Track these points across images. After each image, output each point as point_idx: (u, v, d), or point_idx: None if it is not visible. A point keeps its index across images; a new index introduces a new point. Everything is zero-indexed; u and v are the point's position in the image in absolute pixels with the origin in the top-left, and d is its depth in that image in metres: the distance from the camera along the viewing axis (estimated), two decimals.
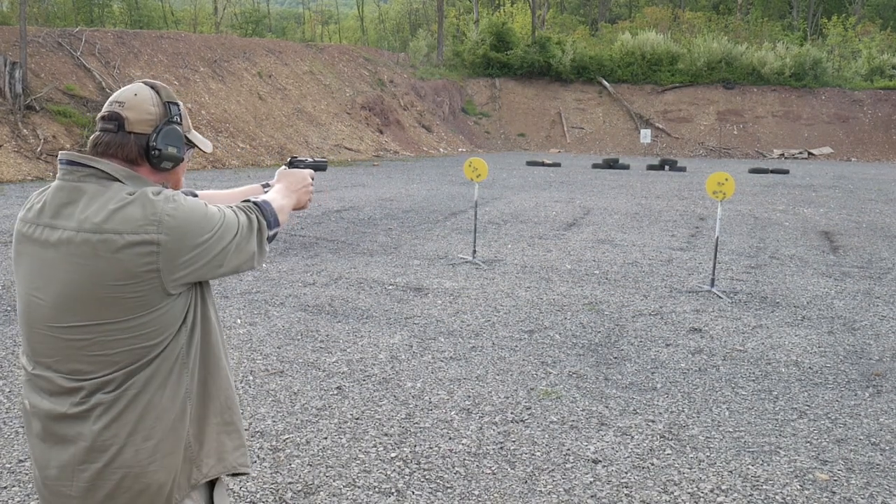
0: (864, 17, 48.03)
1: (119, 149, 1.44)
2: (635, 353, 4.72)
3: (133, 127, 1.45)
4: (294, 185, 1.82)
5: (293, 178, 1.83)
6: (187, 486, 1.52)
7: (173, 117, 1.50)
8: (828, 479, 3.07)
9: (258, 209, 1.58)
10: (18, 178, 15.37)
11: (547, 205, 12.99)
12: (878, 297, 6.40)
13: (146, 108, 1.47)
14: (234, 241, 1.48)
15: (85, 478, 1.42)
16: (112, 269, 1.36)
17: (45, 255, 1.41)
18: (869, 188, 17.87)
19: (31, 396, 1.48)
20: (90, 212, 1.38)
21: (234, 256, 1.49)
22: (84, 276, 1.37)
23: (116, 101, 1.46)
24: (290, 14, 71.18)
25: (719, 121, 36.75)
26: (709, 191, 6.39)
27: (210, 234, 1.43)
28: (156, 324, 1.42)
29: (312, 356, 4.56)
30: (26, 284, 1.45)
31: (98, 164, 1.41)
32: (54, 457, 1.44)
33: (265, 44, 31.18)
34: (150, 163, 1.47)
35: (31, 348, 1.46)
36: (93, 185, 1.41)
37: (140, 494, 1.45)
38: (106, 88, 20.37)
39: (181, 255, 1.40)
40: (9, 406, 3.69)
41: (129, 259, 1.36)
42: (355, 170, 21.16)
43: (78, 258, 1.37)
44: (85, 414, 1.41)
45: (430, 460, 3.20)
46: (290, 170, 1.86)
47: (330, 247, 8.37)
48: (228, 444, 1.60)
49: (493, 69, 40.59)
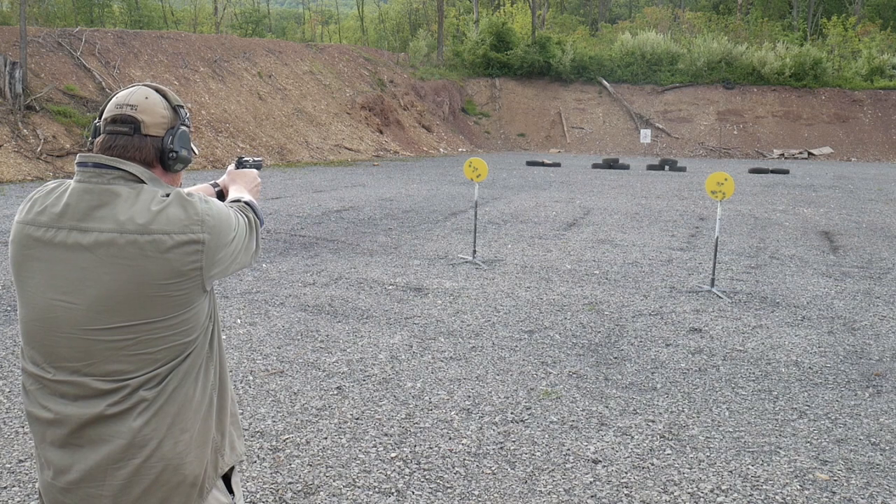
0: (864, 17, 48.03)
1: (137, 151, 1.46)
2: (635, 353, 4.72)
3: (149, 130, 1.47)
4: (250, 184, 1.89)
5: (247, 177, 1.91)
6: (214, 475, 1.56)
7: (184, 120, 1.54)
8: (828, 479, 3.07)
9: (251, 209, 1.67)
10: (18, 178, 15.38)
11: (547, 205, 12.99)
12: (878, 297, 6.40)
13: (159, 111, 1.49)
14: (245, 240, 1.58)
15: (122, 475, 1.42)
16: (161, 269, 1.39)
17: (76, 259, 1.39)
18: (869, 188, 17.87)
19: (50, 404, 1.44)
20: (133, 213, 1.39)
21: (243, 254, 1.58)
22: (130, 276, 1.38)
23: (128, 105, 1.46)
24: (290, 14, 71.19)
25: (719, 121, 36.74)
26: (708, 191, 6.39)
27: (234, 232, 1.53)
28: (193, 320, 1.47)
29: (312, 356, 4.56)
30: (48, 290, 1.41)
31: (128, 167, 1.43)
32: (79, 460, 1.42)
33: (265, 44, 31.19)
34: (164, 165, 1.51)
35: (52, 354, 1.43)
36: (124, 187, 1.42)
37: (178, 486, 1.47)
38: (106, 88, 20.37)
39: (218, 252, 1.47)
40: (9, 406, 3.69)
41: (178, 258, 1.40)
42: (355, 170, 21.16)
43: (123, 259, 1.38)
44: (125, 412, 1.42)
45: (430, 460, 3.20)
46: (242, 170, 1.93)
47: (330, 247, 8.37)
48: (235, 434, 1.67)
49: (493, 69, 40.58)
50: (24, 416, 1.61)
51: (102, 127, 1.48)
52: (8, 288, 6.10)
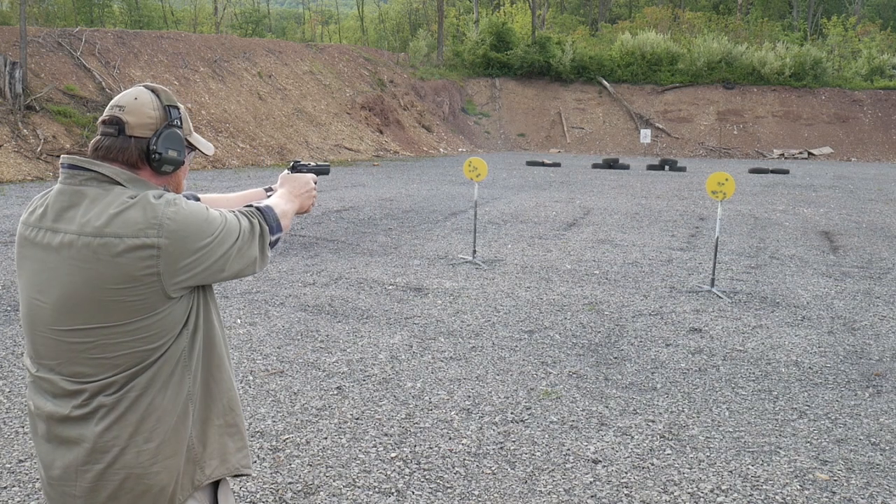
0: (864, 17, 48.04)
1: (120, 153, 1.45)
2: (635, 353, 4.72)
3: (133, 131, 1.46)
4: (297, 190, 1.80)
5: (296, 182, 1.81)
6: (190, 486, 1.53)
7: (173, 121, 1.51)
8: (828, 479, 3.07)
9: (260, 214, 1.58)
10: (18, 178, 15.38)
11: (547, 205, 12.99)
12: (878, 297, 6.40)
13: (146, 112, 1.47)
14: (236, 246, 1.48)
15: (88, 478, 1.44)
16: (112, 273, 1.37)
17: (47, 259, 1.42)
18: (869, 188, 17.87)
19: (36, 398, 1.49)
20: (91, 215, 1.39)
21: (235, 261, 1.49)
22: (85, 279, 1.38)
23: (117, 106, 1.47)
24: (290, 14, 71.19)
25: (719, 121, 36.74)
26: (709, 191, 6.39)
27: (211, 238, 1.43)
28: (156, 327, 1.42)
29: (312, 356, 4.56)
30: (29, 288, 1.45)
31: (99, 168, 1.42)
32: (59, 457, 1.45)
33: (265, 44, 31.18)
34: (151, 166, 1.49)
35: (35, 351, 1.47)
36: (94, 188, 1.41)
37: (142, 495, 1.46)
38: (106, 88, 20.37)
39: (182, 258, 1.40)
40: (9, 406, 3.69)
41: (130, 263, 1.37)
42: (355, 170, 21.16)
43: (79, 262, 1.38)
44: (87, 416, 1.42)
45: (430, 460, 3.20)
46: (293, 174, 1.84)
47: (330, 247, 8.37)
48: (231, 446, 1.61)
49: (493, 69, 40.58)
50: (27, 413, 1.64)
51: (97, 128, 1.50)
52: (8, 288, 6.10)
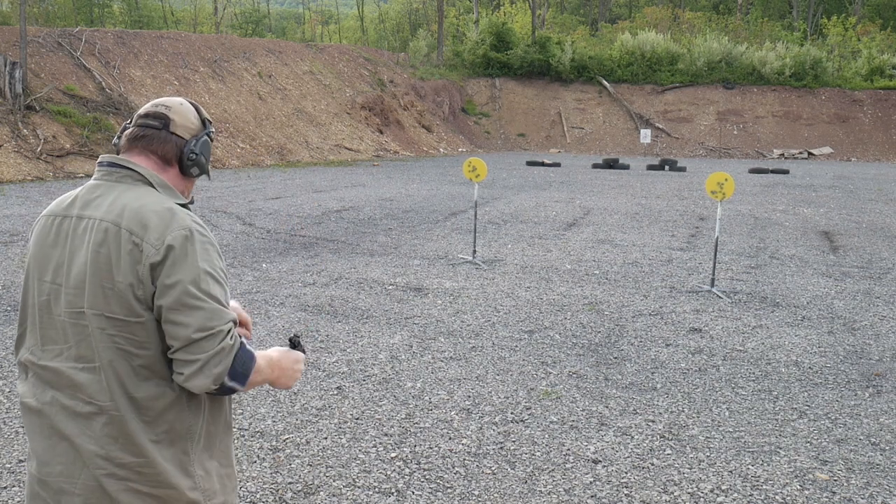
0: (864, 17, 48.02)
1: (160, 144, 1.53)
2: (635, 353, 4.72)
3: (176, 129, 1.55)
4: (285, 363, 1.64)
5: (289, 358, 1.66)
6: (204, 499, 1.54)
7: (210, 132, 1.63)
8: (828, 479, 3.07)
9: (241, 349, 1.44)
10: (18, 178, 15.37)
11: (547, 205, 12.99)
12: (878, 297, 6.40)
13: (190, 117, 1.58)
14: (197, 323, 1.38)
15: (91, 477, 1.44)
16: (116, 264, 1.42)
17: (72, 241, 1.47)
18: (869, 188, 17.87)
19: (37, 392, 1.49)
20: (117, 206, 1.45)
21: (181, 329, 1.39)
22: (92, 258, 1.43)
23: (163, 105, 1.56)
24: (290, 14, 71.19)
25: (719, 121, 36.73)
26: (708, 191, 6.39)
27: (194, 287, 1.39)
28: (141, 334, 1.43)
29: (312, 356, 4.55)
30: (52, 274, 1.47)
31: (135, 167, 1.51)
32: (59, 454, 1.46)
33: (265, 44, 31.18)
34: (181, 166, 1.56)
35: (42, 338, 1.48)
36: (126, 184, 1.49)
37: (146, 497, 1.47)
38: (106, 88, 20.37)
39: (163, 278, 1.40)
40: (9, 406, 3.69)
41: (125, 259, 1.41)
42: (355, 170, 21.16)
43: (93, 244, 1.43)
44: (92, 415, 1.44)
45: (430, 460, 3.20)
46: (291, 351, 1.69)
47: (330, 247, 8.37)
48: (229, 485, 1.61)
49: (493, 69, 40.56)
50: None
51: (134, 121, 1.56)
52: (8, 288, 6.10)
